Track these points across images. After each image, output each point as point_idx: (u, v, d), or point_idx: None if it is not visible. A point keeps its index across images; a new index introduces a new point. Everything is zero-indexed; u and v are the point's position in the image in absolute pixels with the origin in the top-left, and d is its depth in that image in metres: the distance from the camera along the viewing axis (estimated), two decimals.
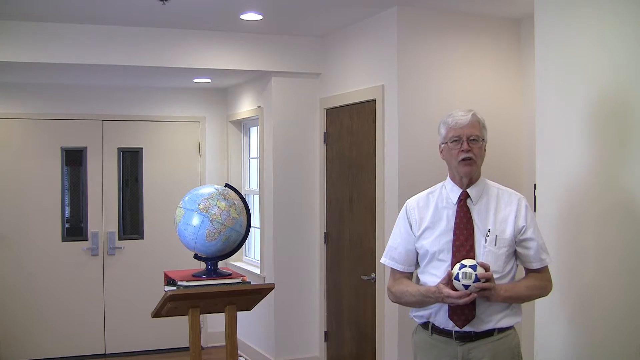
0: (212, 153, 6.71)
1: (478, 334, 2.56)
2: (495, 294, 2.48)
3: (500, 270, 2.57)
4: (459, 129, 2.60)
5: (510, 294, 2.54)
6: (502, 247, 2.58)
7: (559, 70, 3.12)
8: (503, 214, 2.62)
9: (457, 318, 2.54)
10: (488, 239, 2.57)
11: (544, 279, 2.66)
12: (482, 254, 2.56)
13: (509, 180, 4.67)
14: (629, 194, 2.77)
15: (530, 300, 2.68)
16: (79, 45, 4.83)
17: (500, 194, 2.67)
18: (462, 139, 2.59)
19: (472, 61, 4.61)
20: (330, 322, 5.40)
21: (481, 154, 2.63)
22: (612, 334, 2.83)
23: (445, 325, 2.59)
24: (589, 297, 2.94)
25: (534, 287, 2.63)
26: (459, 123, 2.60)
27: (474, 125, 2.61)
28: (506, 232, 2.59)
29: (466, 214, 2.61)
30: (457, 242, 2.57)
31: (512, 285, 2.58)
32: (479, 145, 2.61)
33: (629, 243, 2.76)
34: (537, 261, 2.63)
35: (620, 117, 2.81)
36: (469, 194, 2.64)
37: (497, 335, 2.57)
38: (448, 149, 2.64)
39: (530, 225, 2.62)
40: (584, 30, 2.98)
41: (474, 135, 2.60)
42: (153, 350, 6.50)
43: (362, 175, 4.85)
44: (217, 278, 3.26)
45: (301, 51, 5.40)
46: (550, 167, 3.18)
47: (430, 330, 2.65)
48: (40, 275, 6.18)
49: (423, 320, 2.68)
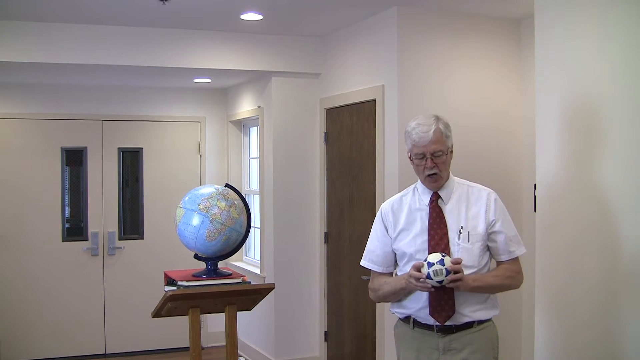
0: (212, 153, 6.71)
1: (458, 327, 2.66)
2: (464, 284, 2.57)
3: (475, 264, 2.67)
4: (422, 146, 2.65)
5: (479, 283, 2.63)
6: (476, 242, 2.67)
7: (559, 70, 3.12)
8: (474, 210, 2.71)
9: (438, 315, 2.63)
10: (461, 236, 2.66)
11: (513, 270, 2.74)
12: (456, 250, 2.65)
13: (509, 180, 4.68)
14: (630, 194, 2.77)
15: (500, 290, 2.74)
16: (79, 45, 4.84)
17: (469, 191, 2.76)
18: (426, 155, 2.66)
19: (472, 61, 4.61)
20: (330, 322, 5.40)
21: (447, 163, 2.71)
22: (612, 334, 2.83)
23: (427, 321, 2.68)
24: (589, 297, 2.94)
25: (502, 276, 2.71)
26: (422, 141, 2.65)
27: (437, 140, 2.65)
28: (478, 228, 2.69)
29: (439, 214, 2.70)
30: (432, 241, 2.66)
31: (479, 275, 2.67)
32: (443, 160, 2.67)
33: (631, 243, 2.76)
34: (505, 253, 2.72)
35: (621, 117, 2.81)
36: (439, 194, 2.73)
37: (477, 327, 2.68)
38: (414, 163, 2.72)
39: (499, 218, 2.71)
40: (584, 30, 2.98)
41: (438, 151, 2.66)
42: (153, 350, 6.50)
43: (362, 175, 4.85)
44: (217, 278, 3.26)
45: (301, 51, 5.40)
46: (550, 167, 3.18)
47: (411, 324, 2.74)
48: (40, 275, 6.18)
49: (404, 314, 2.76)
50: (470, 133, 4.52)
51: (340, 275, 5.20)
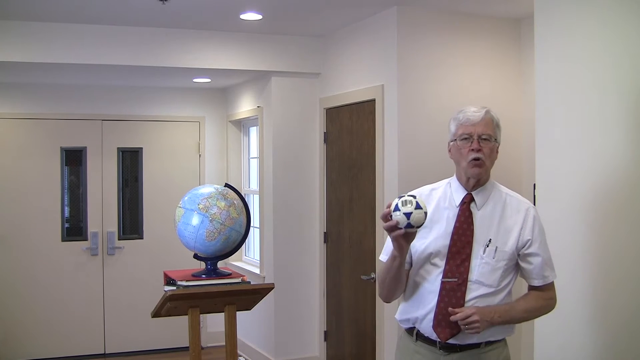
0: (211, 153, 6.70)
1: (463, 347, 2.40)
2: (485, 324, 2.31)
3: (494, 284, 2.39)
4: (470, 126, 2.40)
5: (505, 319, 2.37)
6: (501, 260, 2.39)
7: (559, 70, 3.12)
8: (508, 224, 2.42)
9: (441, 330, 2.37)
10: (487, 250, 2.38)
11: (547, 298, 2.49)
12: (477, 265, 2.38)
13: (509, 180, 4.68)
14: (630, 194, 2.77)
15: (525, 321, 2.53)
16: (78, 45, 4.83)
17: (508, 201, 2.47)
18: (472, 137, 2.40)
19: (472, 61, 4.61)
20: (330, 321, 5.40)
21: (492, 156, 2.44)
22: (612, 334, 2.83)
23: (430, 334, 2.42)
24: (589, 297, 2.94)
25: (533, 309, 2.47)
26: (471, 120, 2.41)
27: (487, 123, 2.42)
28: (508, 244, 2.40)
29: (467, 218, 2.41)
30: (454, 248, 2.39)
31: (507, 309, 2.39)
32: (490, 146, 2.42)
33: (630, 242, 2.76)
34: (540, 278, 2.45)
35: (620, 117, 2.81)
36: (473, 197, 2.45)
37: (485, 347, 2.42)
38: (457, 147, 2.44)
39: (537, 239, 2.42)
40: (584, 30, 2.98)
41: (486, 134, 2.41)
42: (153, 350, 6.49)
43: (362, 175, 4.85)
44: (216, 278, 3.26)
45: (301, 51, 5.40)
46: (550, 167, 3.18)
47: (414, 336, 2.49)
48: (40, 275, 6.18)
49: (408, 325, 2.52)
50: None
51: (340, 275, 5.20)
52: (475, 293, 2.38)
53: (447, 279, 2.38)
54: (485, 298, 2.39)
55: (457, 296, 2.37)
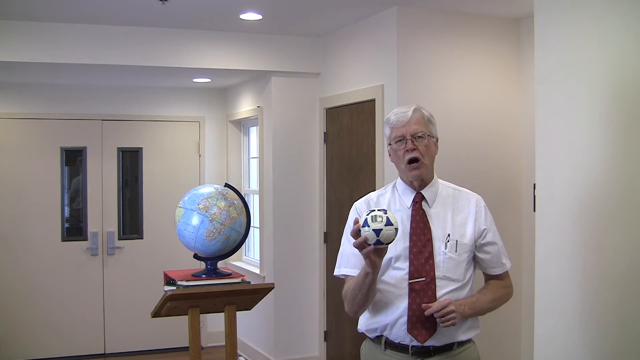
0: (211, 153, 6.71)
1: (437, 348, 2.36)
2: (459, 316, 2.31)
3: (460, 278, 2.39)
4: (401, 127, 2.39)
5: (474, 310, 2.39)
6: (463, 253, 2.39)
7: (559, 70, 3.12)
8: (462, 217, 2.44)
9: (418, 332, 2.33)
10: (448, 245, 2.38)
11: (506, 285, 2.53)
12: (442, 261, 2.36)
13: (509, 180, 4.68)
14: (630, 193, 2.76)
15: (490, 311, 2.53)
16: (78, 45, 4.84)
17: (456, 195, 2.49)
18: (405, 137, 2.38)
19: (472, 61, 4.61)
20: (330, 321, 5.40)
21: (430, 152, 2.41)
22: (611, 335, 2.83)
23: (402, 339, 2.36)
24: (590, 297, 2.94)
25: (497, 298, 2.49)
26: (401, 121, 2.39)
27: (418, 120, 2.40)
28: (466, 237, 2.41)
29: (422, 217, 2.40)
30: (415, 248, 2.36)
31: (474, 300, 2.41)
32: (425, 143, 2.38)
33: (630, 242, 2.76)
34: (499, 266, 2.49)
35: (621, 116, 2.81)
36: (424, 196, 2.44)
37: (457, 349, 2.40)
38: (394, 150, 2.43)
39: (490, 228, 2.47)
40: (584, 30, 2.97)
41: (419, 132, 2.38)
42: (153, 350, 6.50)
43: (362, 175, 4.85)
44: (216, 278, 3.26)
45: (301, 51, 5.40)
46: (550, 166, 3.18)
47: (383, 345, 2.42)
48: (40, 275, 6.18)
49: (376, 334, 2.45)
50: (470, 133, 4.52)
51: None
52: (445, 289, 2.37)
53: (414, 279, 2.35)
54: (454, 293, 2.39)
55: (428, 295, 2.35)
